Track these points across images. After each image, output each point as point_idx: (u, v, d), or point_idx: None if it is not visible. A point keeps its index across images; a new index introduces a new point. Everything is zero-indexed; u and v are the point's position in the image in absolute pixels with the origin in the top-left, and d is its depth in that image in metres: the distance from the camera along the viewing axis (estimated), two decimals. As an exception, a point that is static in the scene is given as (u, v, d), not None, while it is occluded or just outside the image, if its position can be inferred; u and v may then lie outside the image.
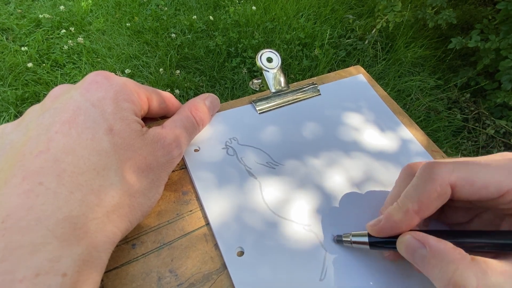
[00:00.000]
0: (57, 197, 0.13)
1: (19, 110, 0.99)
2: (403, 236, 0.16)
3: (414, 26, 1.44)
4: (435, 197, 0.15)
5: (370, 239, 0.17)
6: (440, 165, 0.16)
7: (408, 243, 0.15)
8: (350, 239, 0.18)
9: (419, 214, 0.16)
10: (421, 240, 0.15)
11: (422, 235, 0.15)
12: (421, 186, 0.16)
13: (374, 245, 0.17)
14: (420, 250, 0.15)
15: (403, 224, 0.16)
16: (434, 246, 0.14)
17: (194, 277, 0.16)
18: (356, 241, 0.18)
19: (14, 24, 1.24)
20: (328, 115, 0.25)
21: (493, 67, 1.18)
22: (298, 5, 1.49)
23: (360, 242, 0.17)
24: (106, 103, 0.16)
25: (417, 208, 0.16)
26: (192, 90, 1.14)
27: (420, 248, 0.15)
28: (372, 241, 0.17)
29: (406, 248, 0.15)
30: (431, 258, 0.14)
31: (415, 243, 0.15)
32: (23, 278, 0.11)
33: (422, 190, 0.16)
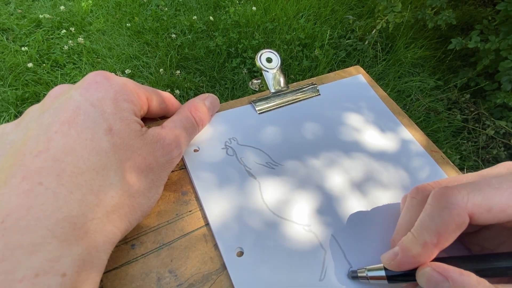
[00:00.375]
0: (56, 197, 0.13)
1: (19, 110, 0.99)
2: (423, 268, 0.15)
3: (414, 27, 1.44)
4: (453, 229, 0.15)
5: (387, 272, 0.16)
6: (454, 192, 0.15)
7: (430, 276, 0.15)
8: (366, 274, 0.17)
9: (437, 247, 0.15)
10: (442, 274, 0.14)
11: (443, 268, 0.15)
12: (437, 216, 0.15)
13: (392, 279, 0.16)
14: (443, 283, 0.14)
15: (422, 258, 0.15)
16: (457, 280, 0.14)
17: (194, 278, 0.16)
18: (373, 276, 0.17)
19: (14, 24, 1.24)
20: (328, 115, 0.25)
21: (493, 67, 1.18)
22: (298, 6, 1.49)
23: (377, 277, 0.17)
24: (105, 103, 0.16)
25: (435, 241, 0.15)
26: (192, 91, 1.14)
27: (442, 282, 0.14)
28: (390, 275, 0.16)
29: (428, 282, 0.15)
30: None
31: (437, 277, 0.14)
32: (23, 278, 0.11)
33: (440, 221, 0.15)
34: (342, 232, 0.19)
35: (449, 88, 1.29)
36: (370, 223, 0.20)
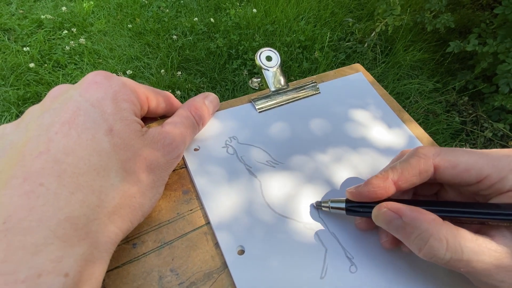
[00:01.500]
0: (57, 198, 0.13)
1: (20, 110, 0.99)
2: (379, 208, 0.16)
3: (413, 30, 1.45)
4: (416, 172, 0.16)
5: (347, 205, 0.18)
6: (429, 147, 0.17)
7: (385, 215, 0.16)
8: (328, 205, 0.19)
9: (396, 184, 0.17)
10: (396, 211, 0.16)
11: (396, 207, 0.16)
12: (405, 160, 0.17)
13: (350, 210, 0.18)
14: (396, 220, 0.15)
15: (380, 190, 0.17)
16: (408, 215, 0.15)
17: (195, 276, 0.16)
18: (334, 206, 0.19)
19: (16, 24, 1.24)
20: (328, 113, 0.25)
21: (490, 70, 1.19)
22: (298, 8, 1.50)
23: (337, 208, 0.18)
24: (105, 103, 0.16)
25: (396, 178, 0.16)
26: (193, 92, 1.14)
27: (395, 219, 0.15)
28: (349, 207, 0.18)
29: (383, 219, 0.16)
30: (406, 226, 0.15)
31: (391, 214, 0.16)
32: (26, 279, 0.11)
33: (405, 164, 0.17)
34: (343, 230, 0.19)
35: (448, 90, 1.29)
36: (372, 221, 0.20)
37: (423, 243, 0.15)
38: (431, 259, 0.15)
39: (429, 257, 0.15)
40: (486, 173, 0.16)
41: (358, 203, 0.18)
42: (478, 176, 0.16)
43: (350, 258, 0.18)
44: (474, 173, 0.16)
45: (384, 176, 0.17)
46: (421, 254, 0.15)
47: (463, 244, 0.14)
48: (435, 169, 0.16)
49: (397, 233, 0.16)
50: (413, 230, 0.15)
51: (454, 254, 0.14)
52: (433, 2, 1.26)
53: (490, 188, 0.16)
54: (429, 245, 0.14)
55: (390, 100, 0.27)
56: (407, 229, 0.15)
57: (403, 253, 0.18)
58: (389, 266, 0.18)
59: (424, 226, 0.15)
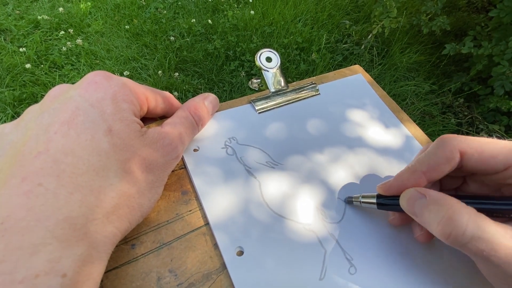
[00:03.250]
0: (56, 198, 0.13)
1: (16, 111, 0.98)
2: (407, 190, 0.17)
3: (409, 32, 1.47)
4: (443, 161, 0.16)
5: (378, 200, 0.18)
6: (454, 135, 0.17)
7: (410, 195, 0.16)
8: (359, 200, 0.19)
9: (426, 175, 0.17)
10: (421, 192, 0.16)
11: (423, 188, 0.16)
12: (432, 151, 0.17)
13: (381, 204, 0.18)
14: (420, 200, 0.16)
15: (410, 182, 0.17)
16: (433, 195, 0.15)
17: (194, 277, 0.16)
18: (364, 201, 0.19)
19: (12, 25, 1.23)
20: (328, 114, 0.25)
21: (486, 73, 1.20)
22: (295, 10, 1.51)
23: (368, 202, 0.19)
24: (105, 103, 0.16)
25: (425, 169, 0.17)
26: (190, 93, 1.14)
27: (420, 198, 0.16)
28: (379, 202, 0.18)
29: (408, 200, 0.16)
30: (429, 204, 0.15)
31: (416, 194, 0.16)
32: (23, 279, 0.11)
33: (432, 154, 0.17)
34: (342, 231, 0.19)
35: (444, 92, 1.30)
36: (371, 222, 0.20)
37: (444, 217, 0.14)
38: (450, 237, 0.14)
39: (447, 232, 0.14)
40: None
41: (388, 197, 0.18)
42: (505, 162, 0.15)
43: (349, 259, 0.18)
44: (500, 160, 0.15)
45: (412, 168, 0.17)
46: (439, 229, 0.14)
47: (486, 224, 0.13)
48: (461, 156, 0.16)
49: (420, 213, 0.15)
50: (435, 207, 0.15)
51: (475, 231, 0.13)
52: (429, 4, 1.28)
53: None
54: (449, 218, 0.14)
55: (389, 101, 0.28)
56: (429, 207, 0.15)
57: (403, 255, 0.19)
58: (388, 268, 0.18)
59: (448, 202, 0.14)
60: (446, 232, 0.14)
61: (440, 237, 0.14)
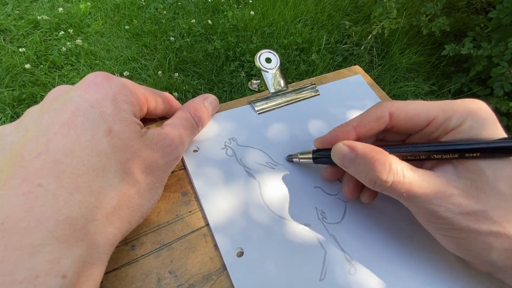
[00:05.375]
0: (56, 198, 0.13)
1: (15, 111, 0.98)
2: (336, 144, 0.18)
3: (408, 33, 1.47)
4: (373, 119, 0.18)
5: (314, 154, 0.20)
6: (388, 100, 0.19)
7: (339, 149, 0.18)
8: (298, 157, 0.21)
9: (356, 129, 0.19)
10: (350, 145, 0.17)
11: (351, 142, 0.18)
12: (366, 110, 0.19)
13: (316, 158, 0.20)
14: (349, 153, 0.17)
15: (341, 135, 0.19)
16: (360, 149, 0.17)
17: (194, 278, 0.16)
18: (302, 157, 0.21)
19: (12, 25, 1.23)
20: (327, 115, 0.25)
21: (485, 73, 1.21)
22: (295, 11, 1.51)
23: (305, 158, 0.21)
24: (105, 104, 0.16)
25: (356, 124, 0.19)
26: (190, 93, 1.14)
27: (349, 153, 0.17)
28: (315, 156, 0.20)
29: (338, 154, 0.18)
30: (357, 158, 0.17)
31: (345, 149, 0.17)
32: (23, 280, 0.11)
33: (365, 112, 0.19)
34: (342, 232, 0.19)
35: (443, 93, 1.31)
36: (371, 223, 0.20)
37: (369, 168, 0.16)
38: (375, 185, 0.16)
39: (373, 181, 0.16)
40: (434, 115, 0.17)
41: (322, 151, 0.20)
42: (426, 118, 0.17)
43: (349, 260, 0.18)
44: (423, 116, 0.17)
45: (346, 123, 0.19)
46: (367, 180, 0.16)
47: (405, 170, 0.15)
48: (390, 116, 0.18)
49: (349, 166, 0.17)
50: (363, 160, 0.16)
51: (396, 177, 0.15)
52: (428, 5, 1.28)
53: (438, 130, 0.17)
54: (373, 168, 0.16)
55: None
56: (357, 161, 0.17)
57: (403, 256, 0.19)
58: (388, 269, 0.18)
59: (371, 154, 0.16)
60: (371, 181, 0.16)
61: (368, 184, 0.17)
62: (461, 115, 0.16)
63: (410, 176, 0.15)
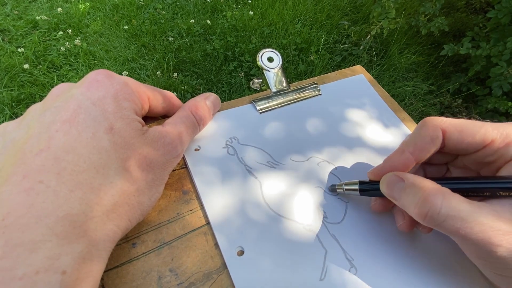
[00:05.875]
0: (57, 195, 0.13)
1: (14, 111, 0.98)
2: (386, 175, 0.17)
3: (407, 33, 1.47)
4: (428, 140, 0.17)
5: (360, 186, 0.19)
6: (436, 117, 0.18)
7: (389, 179, 0.17)
8: (343, 187, 0.20)
9: (413, 155, 0.17)
10: (400, 176, 0.16)
11: (402, 172, 0.17)
12: (416, 132, 0.18)
13: (363, 190, 0.19)
14: (399, 183, 0.16)
15: (399, 164, 0.17)
16: (410, 178, 0.16)
17: (194, 276, 0.16)
18: (348, 188, 0.19)
19: (10, 25, 1.23)
20: (329, 114, 0.25)
21: (484, 73, 1.21)
22: (294, 11, 1.51)
23: (351, 189, 0.19)
24: (106, 102, 0.16)
25: (412, 149, 0.17)
26: (189, 93, 1.14)
27: (398, 182, 0.16)
28: (362, 188, 0.19)
29: (387, 184, 0.17)
30: (407, 188, 0.16)
31: (395, 178, 0.17)
32: (23, 276, 0.11)
33: (417, 135, 0.18)
34: (343, 232, 0.19)
35: (442, 93, 1.31)
36: (372, 223, 0.20)
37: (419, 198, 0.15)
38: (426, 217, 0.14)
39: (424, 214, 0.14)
40: (491, 137, 0.16)
41: (370, 183, 0.18)
42: (483, 140, 0.16)
43: (350, 260, 0.18)
44: (479, 137, 0.16)
45: (400, 150, 0.18)
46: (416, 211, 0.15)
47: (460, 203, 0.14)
48: (443, 134, 0.17)
49: (398, 197, 0.16)
50: (413, 189, 0.15)
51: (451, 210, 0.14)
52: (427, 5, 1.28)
53: (494, 154, 0.16)
54: (425, 199, 0.14)
55: (390, 101, 0.28)
56: (407, 190, 0.15)
57: (404, 255, 0.19)
58: (389, 268, 0.18)
59: (423, 184, 0.15)
60: (422, 212, 0.15)
61: (418, 218, 0.15)
62: None
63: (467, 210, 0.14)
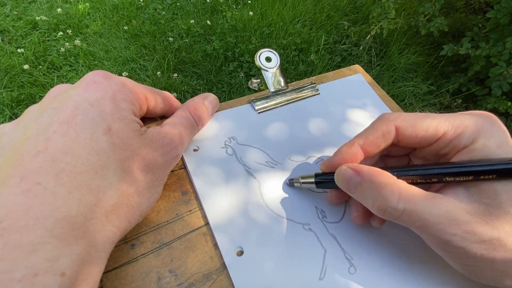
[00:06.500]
0: (55, 197, 0.13)
1: (14, 112, 0.98)
2: (340, 168, 0.17)
3: (407, 33, 1.47)
4: (379, 135, 0.17)
5: (316, 179, 0.19)
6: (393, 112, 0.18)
7: (344, 173, 0.17)
8: (299, 181, 0.20)
9: (363, 148, 0.17)
10: (355, 169, 0.16)
11: (356, 165, 0.16)
12: (370, 126, 0.18)
13: (319, 182, 0.19)
14: (354, 178, 0.16)
15: (348, 156, 0.17)
16: (366, 172, 0.16)
17: (194, 277, 0.16)
18: (304, 181, 0.19)
19: (10, 25, 1.23)
20: (327, 114, 0.25)
21: (483, 73, 1.21)
22: (294, 11, 1.51)
23: (308, 182, 0.19)
24: (104, 103, 0.16)
25: (362, 142, 0.17)
26: (189, 94, 1.14)
27: (354, 177, 0.16)
28: (318, 180, 0.19)
29: (342, 178, 0.17)
30: (363, 183, 0.16)
31: (350, 172, 0.16)
32: (22, 278, 0.11)
33: (369, 128, 0.18)
34: (342, 231, 0.19)
35: (442, 93, 1.31)
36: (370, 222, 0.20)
37: (377, 195, 0.15)
38: (385, 214, 0.15)
39: (382, 209, 0.15)
40: (443, 130, 0.16)
41: (325, 175, 0.18)
42: (435, 133, 0.16)
43: (349, 259, 0.18)
44: (431, 131, 0.16)
45: (351, 142, 0.18)
46: (375, 207, 0.15)
47: (416, 197, 0.14)
48: (397, 130, 0.17)
49: (355, 191, 0.16)
50: (369, 185, 0.15)
51: (407, 204, 0.14)
52: (427, 6, 1.29)
53: (448, 146, 0.16)
54: (382, 196, 0.15)
55: (389, 100, 0.28)
56: (363, 185, 0.16)
57: (403, 254, 0.19)
58: (388, 267, 0.18)
59: (379, 179, 0.15)
60: (381, 208, 0.15)
61: (376, 213, 0.15)
62: (473, 132, 0.15)
63: (422, 204, 0.14)
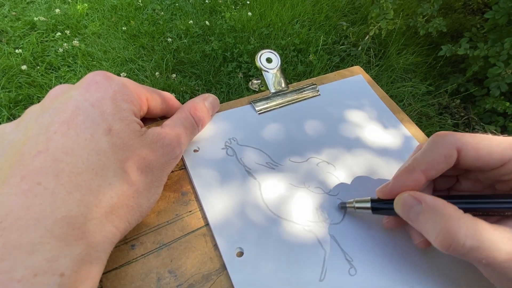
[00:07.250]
0: (55, 197, 0.13)
1: (12, 112, 0.97)
2: (401, 195, 0.16)
3: (405, 34, 1.48)
4: (442, 159, 0.16)
5: (372, 204, 0.18)
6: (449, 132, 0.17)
7: (405, 200, 0.16)
8: (353, 205, 0.18)
9: (425, 174, 0.16)
10: (417, 198, 0.15)
11: (419, 194, 0.16)
12: (429, 149, 0.17)
13: (375, 209, 0.18)
14: (416, 206, 0.15)
15: (410, 183, 0.16)
16: (429, 202, 0.15)
17: (194, 278, 0.16)
18: (359, 206, 0.18)
19: (8, 26, 1.23)
20: (328, 115, 0.25)
21: (482, 74, 1.22)
22: (293, 12, 1.51)
23: (363, 207, 0.18)
24: (105, 103, 0.16)
25: (423, 168, 0.16)
26: (188, 94, 1.14)
27: (416, 205, 0.15)
28: (374, 206, 0.18)
29: (403, 206, 0.16)
30: (426, 212, 0.15)
31: (411, 200, 0.16)
32: (21, 278, 0.11)
33: (429, 152, 0.16)
34: (342, 232, 0.19)
35: (440, 93, 1.32)
36: (371, 224, 0.20)
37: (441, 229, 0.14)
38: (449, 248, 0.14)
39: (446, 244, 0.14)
40: (509, 157, 0.15)
41: (383, 201, 0.17)
42: (501, 159, 0.15)
43: (349, 260, 0.18)
44: (496, 156, 0.15)
45: (410, 168, 0.16)
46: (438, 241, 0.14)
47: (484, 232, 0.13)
48: (458, 153, 0.16)
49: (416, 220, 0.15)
50: (432, 216, 0.14)
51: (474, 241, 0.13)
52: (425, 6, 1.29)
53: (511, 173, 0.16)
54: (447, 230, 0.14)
55: (389, 101, 0.28)
56: (426, 215, 0.15)
57: (403, 256, 0.19)
58: (388, 269, 0.18)
59: (444, 211, 0.14)
60: (445, 244, 0.14)
61: (439, 247, 0.14)
62: None
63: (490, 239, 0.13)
